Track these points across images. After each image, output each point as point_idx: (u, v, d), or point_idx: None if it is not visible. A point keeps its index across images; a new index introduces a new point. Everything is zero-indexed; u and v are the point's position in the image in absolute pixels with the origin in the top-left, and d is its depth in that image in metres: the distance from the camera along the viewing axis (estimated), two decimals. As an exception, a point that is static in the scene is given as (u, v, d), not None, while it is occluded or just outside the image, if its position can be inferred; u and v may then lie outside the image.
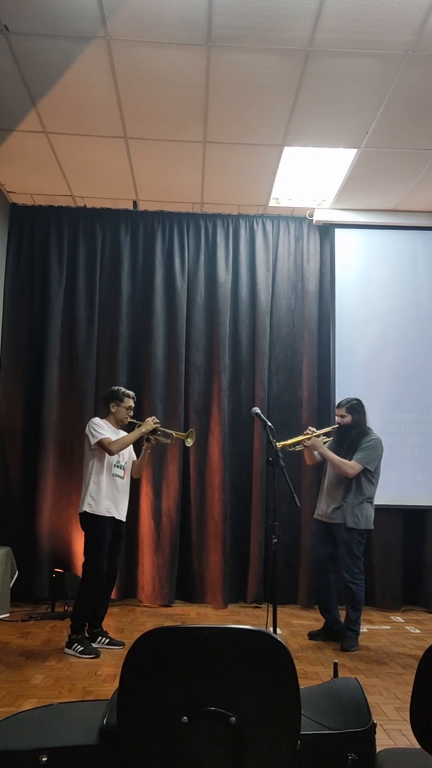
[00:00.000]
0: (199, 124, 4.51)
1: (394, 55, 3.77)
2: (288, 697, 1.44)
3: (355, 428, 4.54)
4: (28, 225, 5.88)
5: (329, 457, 4.48)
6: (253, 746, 1.42)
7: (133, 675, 1.46)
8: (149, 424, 4.32)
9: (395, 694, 3.42)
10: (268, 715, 1.44)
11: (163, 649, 1.46)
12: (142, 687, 1.46)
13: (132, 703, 1.46)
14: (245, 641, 1.46)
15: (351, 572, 4.38)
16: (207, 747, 1.44)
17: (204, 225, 5.97)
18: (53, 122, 4.53)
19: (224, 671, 1.45)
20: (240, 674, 1.45)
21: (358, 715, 1.68)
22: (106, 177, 5.35)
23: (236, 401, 5.84)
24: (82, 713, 1.78)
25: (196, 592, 5.57)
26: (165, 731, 1.42)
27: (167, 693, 1.45)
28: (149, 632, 1.46)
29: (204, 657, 1.45)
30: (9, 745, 1.58)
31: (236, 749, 1.42)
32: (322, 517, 4.57)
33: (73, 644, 4.02)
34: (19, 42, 3.71)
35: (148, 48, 3.75)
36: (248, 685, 1.44)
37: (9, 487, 5.56)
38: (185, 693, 1.44)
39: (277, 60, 3.83)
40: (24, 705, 3.11)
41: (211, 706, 1.42)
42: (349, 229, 5.94)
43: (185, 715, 1.42)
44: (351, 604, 4.39)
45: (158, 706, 1.45)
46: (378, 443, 4.51)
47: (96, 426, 4.19)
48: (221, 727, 1.42)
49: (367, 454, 4.44)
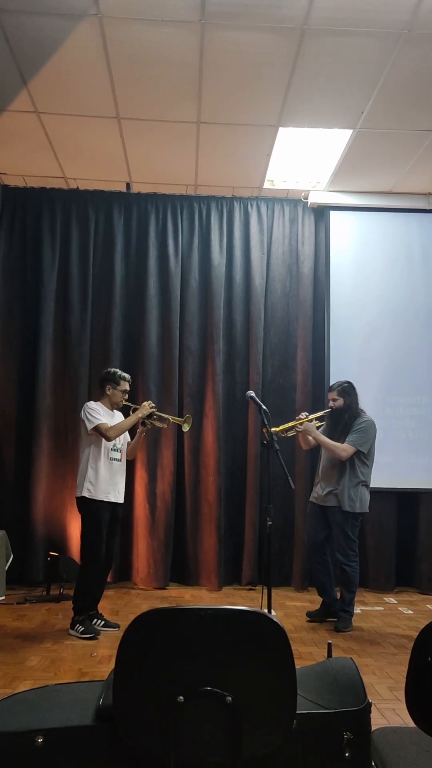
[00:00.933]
0: (192, 103, 4.46)
1: (391, 34, 3.73)
2: (284, 676, 1.44)
3: (347, 411, 4.55)
4: (20, 207, 5.81)
5: (322, 441, 4.49)
6: (249, 725, 1.43)
7: (129, 656, 1.46)
8: (146, 408, 4.32)
9: (388, 674, 3.45)
10: (263, 695, 1.45)
11: (159, 630, 1.46)
12: (137, 667, 1.46)
13: (128, 684, 1.46)
14: (241, 622, 1.46)
15: (345, 554, 4.40)
16: (203, 727, 1.44)
17: (198, 207, 5.92)
18: (45, 102, 4.47)
19: (220, 652, 1.45)
20: (236, 654, 1.45)
21: (354, 695, 1.69)
22: (98, 158, 5.29)
23: (230, 385, 5.83)
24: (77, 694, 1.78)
25: (190, 575, 5.60)
26: (161, 711, 1.43)
27: (163, 673, 1.45)
28: (145, 613, 1.46)
29: (200, 638, 1.45)
30: (4, 727, 1.59)
31: (232, 729, 1.43)
32: (317, 500, 4.58)
33: (75, 625, 4.06)
34: (9, 20, 3.64)
35: (140, 25, 3.69)
36: (244, 665, 1.45)
37: (3, 471, 5.55)
38: (181, 673, 1.44)
39: (271, 38, 3.78)
40: (19, 687, 3.13)
41: (206, 686, 1.43)
42: (344, 211, 5.91)
43: (181, 695, 1.42)
44: (345, 585, 4.42)
45: (154, 687, 1.45)
46: (370, 425, 4.51)
47: (91, 410, 4.18)
48: (217, 707, 1.42)
49: (360, 436, 4.45)
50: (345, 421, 4.52)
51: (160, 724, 1.43)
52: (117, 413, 4.41)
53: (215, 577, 5.48)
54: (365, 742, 1.63)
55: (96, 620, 4.20)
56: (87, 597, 4.13)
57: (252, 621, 1.46)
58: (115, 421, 4.28)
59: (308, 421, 4.57)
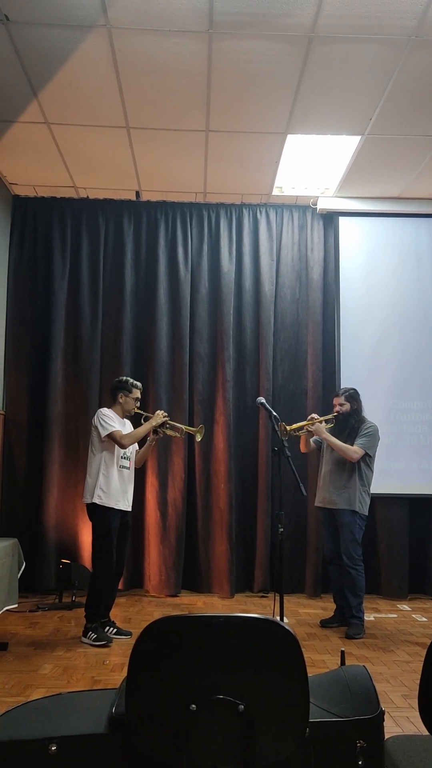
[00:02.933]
0: (201, 112, 4.48)
1: (398, 41, 3.73)
2: (296, 684, 1.44)
3: (354, 416, 4.64)
4: (30, 217, 5.86)
5: (333, 442, 4.52)
6: (261, 734, 1.43)
7: (141, 664, 1.46)
8: (159, 417, 4.33)
9: (402, 682, 3.43)
10: (276, 703, 1.44)
11: (171, 637, 1.46)
12: (150, 676, 1.46)
13: (140, 692, 1.47)
14: (253, 629, 1.46)
15: (351, 557, 4.43)
16: (215, 735, 1.44)
17: (207, 215, 5.94)
18: (55, 112, 4.51)
19: (232, 659, 1.45)
20: (248, 662, 1.45)
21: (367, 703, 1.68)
22: (108, 167, 5.33)
23: (241, 391, 5.83)
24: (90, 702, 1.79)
25: (202, 582, 5.59)
26: (173, 719, 1.43)
27: (175, 681, 1.45)
28: (157, 621, 1.46)
29: (212, 645, 1.45)
30: (18, 735, 1.59)
31: (245, 737, 1.42)
32: (324, 503, 4.60)
33: (88, 632, 4.06)
34: (19, 31, 3.68)
35: (149, 36, 3.72)
36: (256, 673, 1.45)
37: (15, 478, 5.58)
38: (193, 681, 1.44)
39: (279, 46, 3.79)
40: (33, 695, 3.13)
41: (219, 695, 1.43)
42: (352, 217, 5.91)
43: (193, 704, 1.42)
44: (352, 590, 4.42)
45: (166, 695, 1.45)
46: (377, 429, 4.60)
47: (105, 417, 4.19)
48: (229, 715, 1.42)
49: (369, 440, 4.53)
50: (352, 425, 4.61)
51: (172, 733, 1.43)
52: (128, 422, 4.42)
53: (227, 584, 5.47)
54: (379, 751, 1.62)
55: (108, 628, 4.20)
56: (99, 604, 4.13)
57: (264, 629, 1.46)
58: (126, 429, 4.29)
59: (319, 422, 4.61)
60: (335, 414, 4.68)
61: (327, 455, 4.68)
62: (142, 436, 4.28)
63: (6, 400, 5.64)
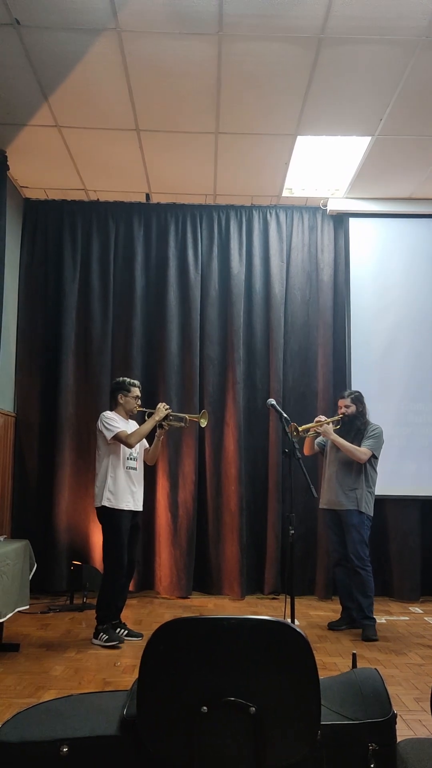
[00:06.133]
0: (211, 114, 4.49)
1: (408, 41, 3.72)
2: (307, 686, 1.44)
3: (359, 418, 4.67)
4: (41, 220, 5.89)
5: (341, 443, 4.53)
6: (272, 736, 1.42)
7: (153, 665, 1.46)
8: (161, 411, 4.33)
9: (414, 685, 3.41)
10: (287, 705, 1.44)
11: (182, 639, 1.46)
12: (161, 677, 1.46)
13: (152, 694, 1.47)
14: (264, 632, 1.46)
15: (360, 557, 4.42)
16: (227, 737, 1.44)
17: (217, 216, 5.95)
18: (65, 116, 4.53)
19: (243, 662, 1.44)
20: (259, 664, 1.44)
21: (379, 706, 1.67)
22: (118, 170, 5.34)
23: (251, 393, 5.83)
24: (102, 704, 1.79)
25: (213, 584, 5.59)
26: (185, 721, 1.43)
27: (186, 683, 1.45)
28: (168, 623, 1.46)
29: (223, 647, 1.45)
30: (30, 736, 1.60)
31: (256, 739, 1.42)
32: (330, 504, 4.60)
33: (99, 634, 4.06)
34: (30, 35, 3.71)
35: (159, 39, 3.73)
36: (267, 675, 1.44)
37: (27, 480, 5.60)
38: (204, 683, 1.44)
39: (289, 48, 3.79)
40: (44, 696, 3.14)
41: (230, 697, 1.42)
42: (363, 218, 5.89)
43: (205, 705, 1.42)
44: (362, 591, 4.40)
45: (178, 697, 1.45)
46: (382, 431, 4.63)
47: (109, 420, 4.20)
48: (241, 717, 1.42)
49: (375, 441, 4.56)
50: (358, 427, 4.63)
51: (183, 734, 1.43)
52: (132, 422, 4.42)
53: (238, 586, 5.47)
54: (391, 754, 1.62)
55: (119, 629, 4.20)
56: (110, 606, 4.13)
57: (275, 631, 1.46)
58: (131, 429, 4.30)
59: (326, 423, 4.62)
60: (341, 416, 4.70)
61: (332, 457, 4.68)
62: (148, 432, 4.27)
63: (18, 402, 5.67)
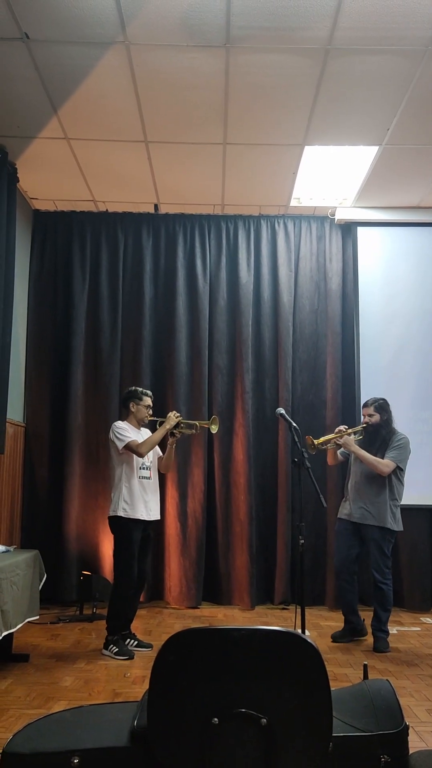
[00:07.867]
0: (219, 125, 4.52)
1: (415, 51, 3.74)
2: (319, 698, 1.43)
3: (384, 427, 4.50)
4: (51, 231, 5.93)
5: (362, 455, 4.41)
6: (284, 748, 1.41)
7: (163, 676, 1.45)
8: (171, 419, 4.33)
9: (426, 696, 3.38)
10: (299, 717, 1.43)
11: (193, 650, 1.46)
12: (171, 688, 1.46)
13: (162, 705, 1.46)
14: (275, 642, 1.45)
15: (382, 572, 4.33)
16: (238, 748, 1.43)
17: (225, 226, 5.97)
18: (74, 128, 4.57)
19: (254, 673, 1.44)
20: (270, 676, 1.44)
21: (391, 717, 1.66)
22: (127, 181, 5.38)
23: (260, 402, 5.82)
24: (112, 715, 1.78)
25: (223, 594, 5.57)
26: (195, 733, 1.42)
27: (197, 694, 1.44)
28: (178, 634, 1.46)
29: (234, 658, 1.44)
30: (41, 747, 1.59)
31: (267, 751, 1.41)
32: (349, 517, 4.51)
33: (109, 645, 4.05)
34: (39, 49, 3.75)
35: (167, 51, 3.76)
36: (278, 686, 1.43)
37: (36, 490, 5.61)
38: (215, 694, 1.43)
39: (296, 59, 3.82)
40: (54, 707, 3.13)
41: (241, 708, 1.42)
42: (371, 227, 5.90)
43: (215, 717, 1.41)
44: (381, 604, 4.34)
45: (188, 708, 1.44)
46: (408, 441, 4.47)
47: (120, 430, 4.21)
48: (252, 729, 1.41)
49: (400, 453, 4.40)
50: (383, 437, 4.47)
51: (194, 746, 1.42)
52: (144, 430, 4.43)
53: (248, 596, 5.44)
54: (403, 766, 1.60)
55: (129, 640, 4.19)
56: (120, 616, 4.12)
57: (286, 642, 1.45)
58: (143, 438, 4.30)
59: (347, 434, 4.53)
60: (364, 425, 4.56)
61: (354, 467, 4.56)
62: (159, 440, 4.28)
63: (27, 412, 5.69)
